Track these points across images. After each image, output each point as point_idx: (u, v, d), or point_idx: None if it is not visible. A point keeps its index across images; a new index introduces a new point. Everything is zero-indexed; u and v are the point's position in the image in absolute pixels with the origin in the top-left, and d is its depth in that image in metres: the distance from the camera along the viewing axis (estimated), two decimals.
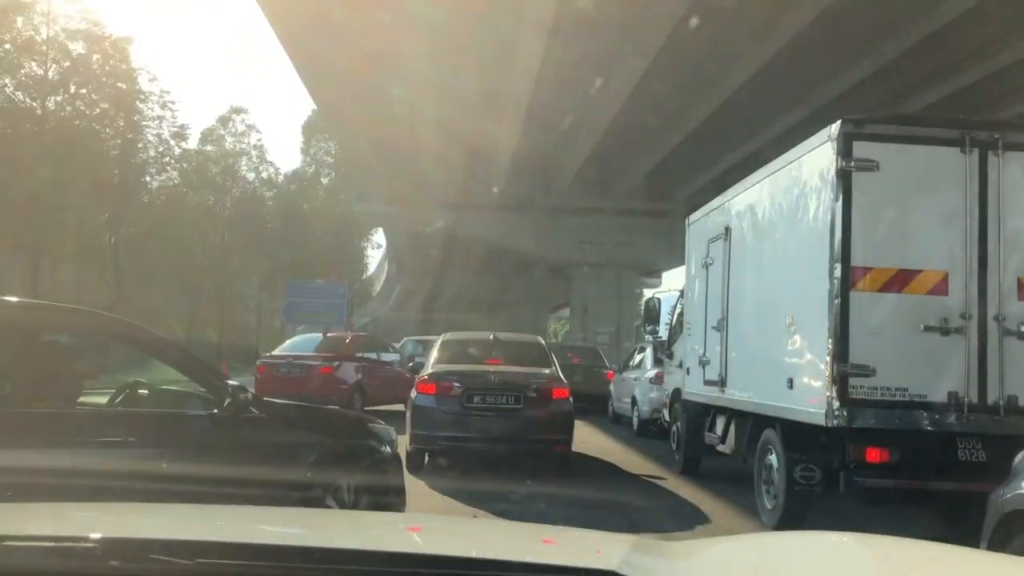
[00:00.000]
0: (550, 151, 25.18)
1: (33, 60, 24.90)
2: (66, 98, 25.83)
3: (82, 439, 3.89)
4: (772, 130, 21.09)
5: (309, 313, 30.67)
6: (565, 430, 9.31)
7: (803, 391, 6.48)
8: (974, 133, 6.19)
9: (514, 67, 18.21)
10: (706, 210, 9.61)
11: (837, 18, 15.18)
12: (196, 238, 39.06)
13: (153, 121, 28.70)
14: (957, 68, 17.04)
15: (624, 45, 17.19)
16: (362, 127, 24.75)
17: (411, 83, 19.95)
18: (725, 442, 8.56)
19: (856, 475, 6.11)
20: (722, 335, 8.49)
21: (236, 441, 4.45)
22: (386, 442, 5.30)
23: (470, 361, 10.01)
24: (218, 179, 39.05)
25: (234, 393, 4.34)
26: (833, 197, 6.13)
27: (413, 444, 9.29)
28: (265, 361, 16.03)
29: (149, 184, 33.33)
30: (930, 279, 6.07)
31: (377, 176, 29.49)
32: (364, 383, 15.46)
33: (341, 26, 17.24)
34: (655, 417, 13.15)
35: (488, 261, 43.99)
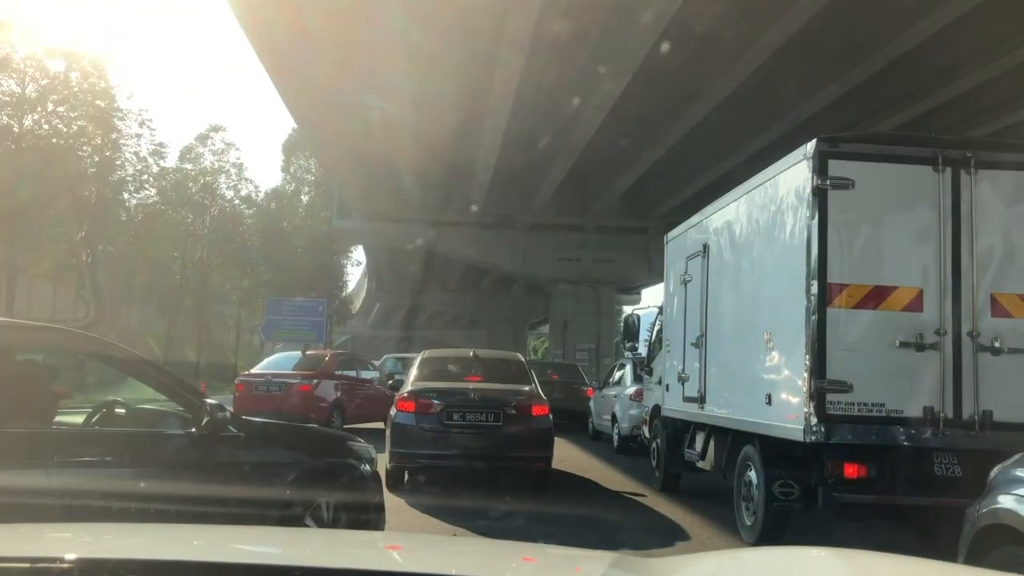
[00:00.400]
0: (529, 169, 25.25)
1: (11, 77, 24.74)
2: (44, 115, 25.64)
3: (58, 459, 3.84)
4: (748, 149, 21.29)
5: (288, 331, 30.52)
6: (545, 447, 9.31)
7: (781, 407, 6.53)
8: (947, 151, 6.30)
9: (493, 86, 18.29)
10: (684, 227, 9.68)
11: (809, 39, 15.38)
12: (175, 256, 38.81)
13: (131, 139, 28.55)
14: (929, 88, 17.29)
15: (600, 66, 17.32)
16: (341, 145, 24.73)
17: (390, 101, 19.97)
18: (705, 458, 8.59)
19: (834, 491, 6.15)
20: (701, 352, 8.53)
21: (214, 460, 4.42)
22: (365, 460, 5.29)
23: (450, 378, 10.01)
24: (197, 197, 38.85)
25: (212, 412, 4.32)
26: (809, 215, 6.21)
27: (393, 462, 9.26)
28: (244, 379, 15.94)
29: (127, 202, 33.10)
30: (905, 296, 6.15)
31: (357, 193, 29.43)
32: (343, 401, 15.39)
33: (319, 42, 17.24)
34: (635, 434, 13.18)
35: (468, 278, 43.98)
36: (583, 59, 17.42)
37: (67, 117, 25.96)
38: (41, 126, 25.49)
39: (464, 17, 15.86)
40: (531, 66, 17.01)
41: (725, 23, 15.40)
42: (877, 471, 6.09)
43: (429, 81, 18.80)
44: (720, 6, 14.86)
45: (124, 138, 28.16)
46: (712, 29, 15.60)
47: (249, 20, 17.03)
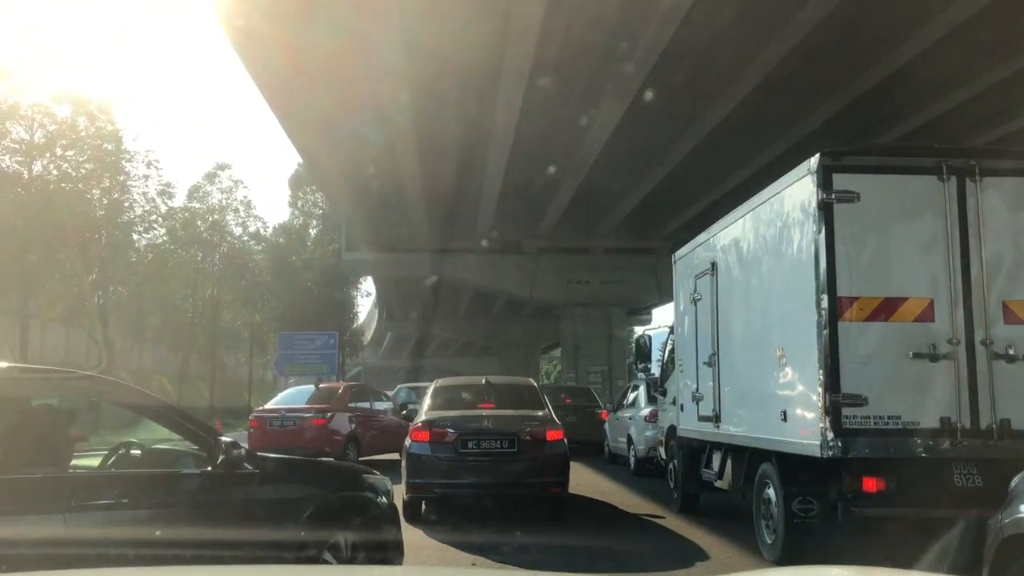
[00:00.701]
0: (534, 193, 25.35)
1: (19, 124, 25.04)
2: (52, 160, 25.90)
3: (75, 503, 3.85)
4: (752, 165, 21.32)
5: (301, 365, 30.58)
6: (561, 472, 9.26)
7: (797, 423, 6.49)
8: (951, 161, 6.30)
9: (494, 116, 18.42)
10: (691, 246, 9.68)
11: (810, 53, 15.46)
12: (185, 294, 39.00)
13: (139, 180, 28.79)
14: (930, 98, 17.32)
15: (600, 90, 17.45)
16: (347, 178, 24.89)
17: (393, 134, 20.11)
18: (722, 478, 8.53)
19: (854, 505, 6.10)
20: (714, 370, 8.50)
21: (231, 498, 4.42)
22: (382, 493, 5.28)
23: (463, 406, 9.99)
24: (206, 235, 39.09)
25: (227, 450, 4.33)
26: (816, 229, 6.20)
27: (409, 492, 9.25)
28: (258, 415, 15.95)
29: (136, 243, 33.33)
30: (916, 306, 6.13)
31: (364, 225, 29.57)
32: (358, 433, 15.37)
33: (320, 80, 17.41)
34: (651, 455, 13.11)
35: (477, 305, 44.00)
36: (582, 84, 17.55)
37: (75, 161, 26.22)
38: (50, 171, 25.74)
39: (464, 53, 16.00)
40: (530, 94, 17.14)
41: (723, 42, 15.52)
42: (896, 484, 6.03)
43: (431, 113, 18.97)
44: (717, 25, 14.95)
45: (132, 179, 28.43)
46: (710, 48, 15.71)
47: (251, 59, 17.24)
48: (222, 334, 43.26)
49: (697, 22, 14.33)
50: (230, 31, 15.97)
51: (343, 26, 14.99)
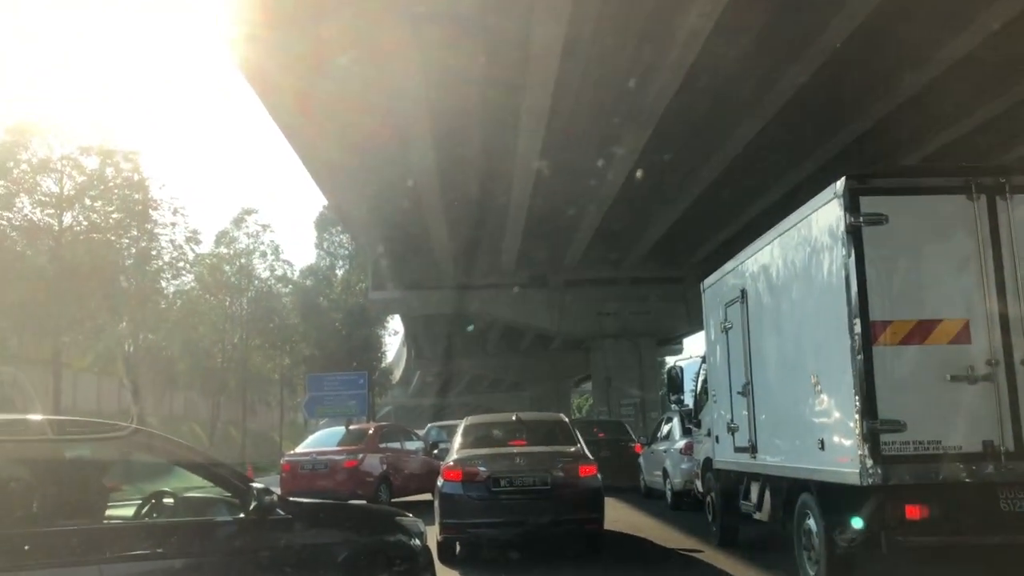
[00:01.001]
0: (558, 226, 25.40)
1: (49, 177, 25.55)
2: (82, 211, 26.37)
3: (111, 554, 3.85)
4: (778, 189, 21.22)
5: (331, 406, 30.60)
6: (595, 508, 9.15)
7: (835, 451, 6.37)
8: (980, 179, 6.22)
9: (516, 151, 18.54)
10: (720, 274, 9.61)
11: (830, 78, 15.42)
12: (215, 339, 39.32)
13: (166, 227, 29.19)
14: (956, 116, 17.18)
15: (622, 121, 17.52)
16: (372, 218, 25.12)
17: (417, 174, 20.29)
18: (761, 509, 8.37)
19: (898, 534, 5.94)
20: (748, 400, 8.39)
21: (265, 545, 4.41)
22: (415, 535, 5.24)
23: (494, 444, 9.94)
24: (233, 279, 39.49)
25: (259, 496, 4.32)
26: (845, 253, 6.13)
27: (443, 533, 9.19)
28: (289, 459, 15.96)
29: (165, 290, 33.74)
30: (951, 328, 6.02)
31: (390, 264, 29.76)
32: (390, 474, 15.30)
33: (344, 123, 17.66)
34: (688, 489, 12.91)
35: (505, 340, 43.95)
36: (604, 116, 17.63)
37: (104, 211, 26.66)
38: (80, 222, 26.19)
39: (484, 94, 16.17)
40: (551, 129, 17.24)
41: (742, 69, 15.54)
42: (940, 511, 5.88)
43: (453, 153, 19.15)
44: (736, 53, 14.99)
45: (159, 227, 28.82)
46: (730, 75, 15.74)
47: (276, 108, 17.59)
48: (252, 378, 43.50)
49: (716, 49, 14.38)
50: (253, 81, 16.27)
51: (366, 77, 15.24)
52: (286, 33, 14.06)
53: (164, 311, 34.74)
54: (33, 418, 4.40)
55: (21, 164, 25.10)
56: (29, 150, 25.17)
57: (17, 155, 24.96)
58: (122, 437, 4.61)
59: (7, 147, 24.91)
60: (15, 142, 24.96)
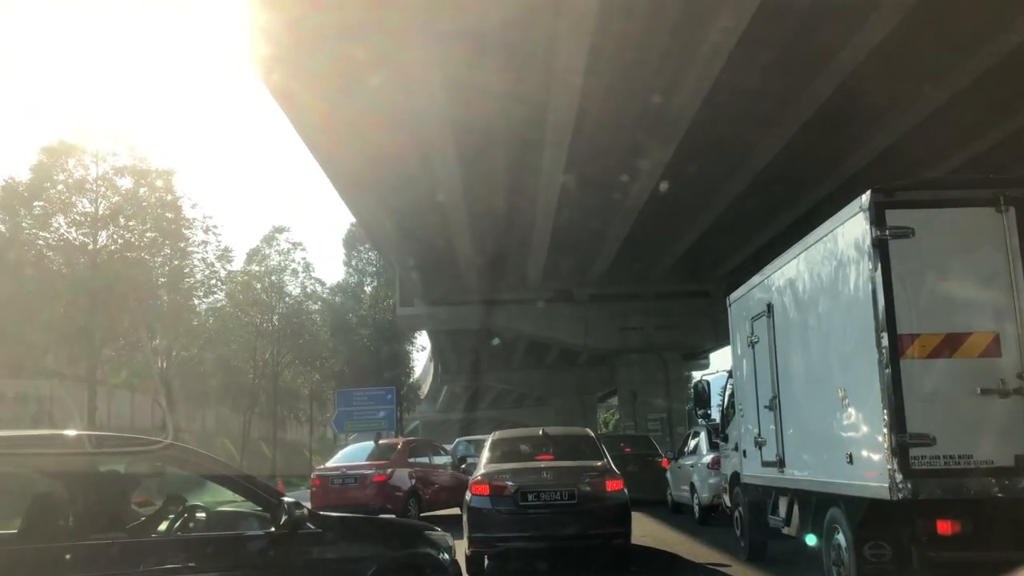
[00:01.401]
0: (583, 241, 25.41)
1: (84, 198, 26.04)
2: (116, 231, 26.81)
3: (144, 568, 3.93)
4: (804, 203, 21.09)
5: (360, 421, 30.76)
6: (622, 522, 9.17)
7: (863, 465, 6.33)
8: (1008, 191, 6.18)
9: (541, 168, 18.62)
10: (746, 288, 9.59)
11: (857, 88, 15.34)
12: (246, 356, 39.69)
13: (198, 246, 29.59)
14: (986, 126, 17.02)
15: (646, 136, 17.53)
16: (399, 235, 25.27)
17: (443, 191, 20.42)
18: (790, 524, 8.32)
19: (929, 550, 5.90)
20: (776, 414, 8.36)
21: (295, 559, 4.48)
22: (443, 549, 5.29)
23: (521, 459, 9.99)
24: (264, 296, 39.87)
25: (289, 510, 4.40)
26: (872, 267, 6.11)
27: (472, 547, 9.25)
28: (320, 473, 16.13)
29: (197, 307, 34.14)
30: (981, 341, 5.98)
31: (417, 281, 29.90)
32: (419, 488, 15.39)
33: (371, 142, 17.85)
34: (716, 503, 12.84)
35: (531, 355, 43.92)
36: (628, 131, 17.65)
37: (138, 231, 27.11)
38: (115, 241, 26.63)
39: (508, 110, 16.26)
40: (576, 143, 17.30)
41: (766, 83, 15.50)
42: (972, 526, 5.83)
43: (478, 167, 19.25)
44: (759, 66, 14.97)
45: (191, 246, 29.22)
46: (753, 90, 15.70)
47: (305, 129, 17.83)
48: (282, 393, 43.84)
49: (739, 64, 14.37)
50: (281, 101, 16.51)
51: (391, 95, 15.41)
52: (313, 53, 14.26)
53: (197, 328, 35.14)
54: (70, 433, 4.51)
55: (57, 185, 25.62)
56: (65, 171, 25.70)
57: (54, 176, 25.48)
58: (156, 451, 4.71)
59: (44, 168, 25.46)
60: (52, 163, 25.50)
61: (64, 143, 25.78)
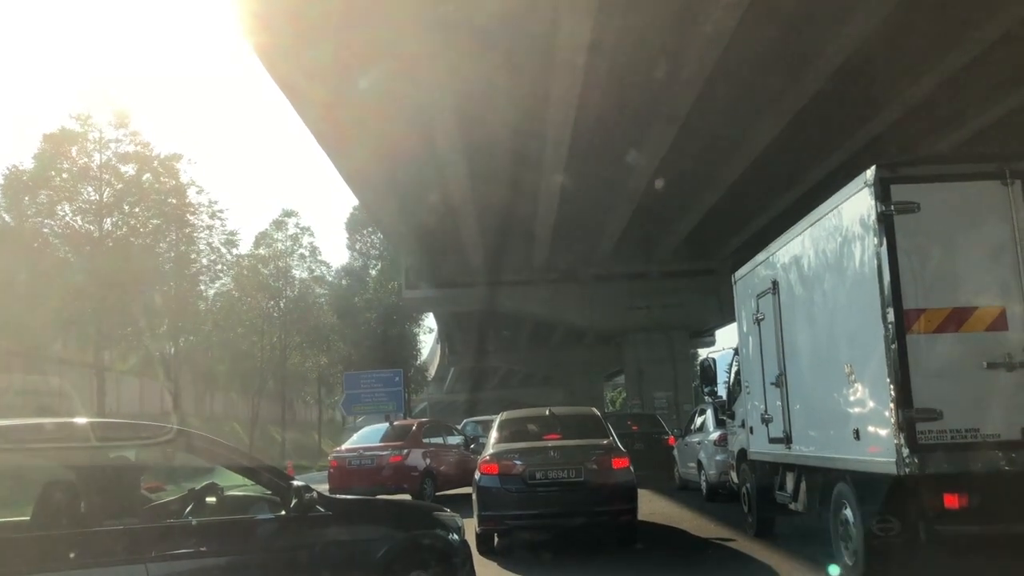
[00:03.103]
0: (588, 221, 25.37)
1: (89, 185, 26.03)
2: (121, 218, 26.82)
3: (156, 553, 3.97)
4: (809, 179, 21.01)
5: (368, 404, 30.86)
6: (629, 499, 9.24)
7: (870, 440, 6.35)
8: (1013, 164, 6.14)
9: (545, 148, 18.57)
10: (751, 265, 9.57)
11: (860, 65, 15.24)
12: (253, 340, 39.80)
13: (204, 231, 29.59)
14: (989, 101, 16.89)
15: (650, 115, 17.46)
16: (403, 218, 25.26)
17: (447, 174, 20.41)
18: (797, 500, 8.35)
19: (936, 524, 5.92)
20: (782, 391, 8.37)
21: (306, 541, 4.51)
22: (453, 530, 5.32)
23: (529, 438, 10.04)
24: (271, 281, 39.91)
25: (299, 493, 4.42)
26: (877, 242, 6.09)
27: (481, 525, 9.36)
28: (337, 455, 16.37)
29: (204, 292, 34.21)
30: (987, 315, 5.96)
31: (422, 263, 29.93)
32: (433, 468, 15.58)
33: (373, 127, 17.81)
34: (723, 480, 12.88)
35: (537, 335, 43.99)
36: (630, 112, 17.58)
37: (143, 217, 27.11)
38: (120, 228, 26.65)
39: (512, 89, 16.20)
40: (581, 123, 17.23)
41: (769, 60, 15.41)
42: (979, 500, 5.84)
43: (483, 151, 19.21)
44: (761, 46, 14.88)
45: (197, 231, 29.22)
46: (756, 67, 15.61)
47: (309, 116, 17.84)
48: (290, 377, 43.98)
49: (741, 43, 14.28)
50: (286, 90, 16.47)
51: (394, 84, 15.40)
52: (316, 43, 14.24)
53: (203, 314, 35.22)
54: (79, 421, 4.54)
55: (62, 173, 25.62)
56: (69, 159, 25.69)
57: (58, 164, 25.47)
58: (165, 438, 4.74)
59: (48, 156, 25.44)
60: (55, 151, 25.48)
61: (67, 130, 25.75)
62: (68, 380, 26.71)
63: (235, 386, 42.90)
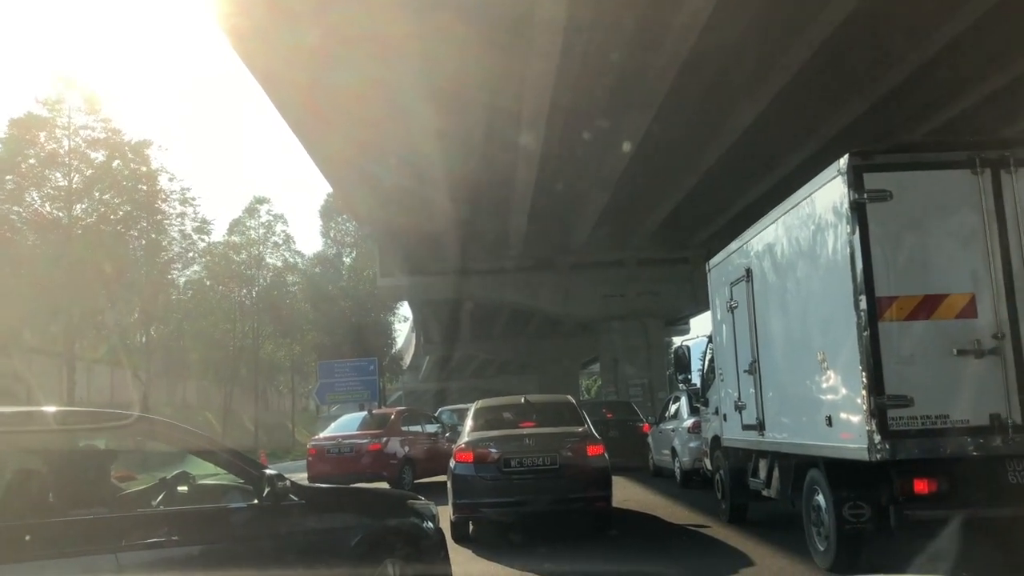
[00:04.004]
0: (564, 209, 25.36)
1: (57, 171, 25.64)
2: (91, 205, 26.47)
3: (126, 543, 3.90)
4: (783, 168, 21.11)
5: (342, 392, 30.78)
6: (603, 486, 9.29)
7: (843, 427, 6.40)
8: (983, 153, 6.20)
9: (520, 136, 18.50)
10: (725, 253, 9.61)
11: (833, 55, 15.31)
12: (226, 328, 39.49)
13: (175, 218, 29.30)
14: (961, 90, 17.04)
15: (624, 103, 17.44)
16: (377, 206, 25.11)
17: (421, 159, 20.28)
18: (770, 486, 8.42)
19: (906, 508, 5.99)
20: (755, 378, 8.41)
21: (278, 531, 4.46)
22: (427, 518, 5.30)
23: (504, 426, 10.06)
24: (243, 268, 39.57)
25: (272, 482, 4.37)
26: (850, 230, 6.13)
27: (456, 513, 9.38)
28: (315, 443, 16.33)
29: (176, 280, 33.87)
30: (958, 303, 6.02)
31: (397, 251, 29.78)
32: (412, 456, 15.58)
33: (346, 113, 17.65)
34: (697, 467, 12.97)
35: (513, 323, 43.98)
36: (606, 98, 17.55)
37: (113, 204, 26.77)
38: (89, 215, 26.30)
39: (486, 76, 16.10)
40: (555, 114, 17.18)
41: (744, 48, 15.43)
42: (949, 485, 5.92)
43: (458, 138, 19.09)
44: (737, 32, 14.88)
45: (168, 218, 28.92)
46: (732, 54, 15.63)
47: (282, 101, 17.62)
48: (263, 366, 43.71)
49: (717, 29, 14.28)
50: (257, 73, 16.27)
51: (368, 67, 15.25)
52: (290, 27, 14.06)
53: (175, 302, 34.90)
54: (42, 409, 4.46)
55: (29, 159, 25.20)
56: (37, 144, 25.27)
57: (25, 149, 25.06)
58: (126, 425, 4.67)
59: (14, 141, 25.02)
60: (22, 136, 25.06)
61: (34, 115, 25.33)
62: (38, 369, 26.36)
63: (208, 375, 42.59)
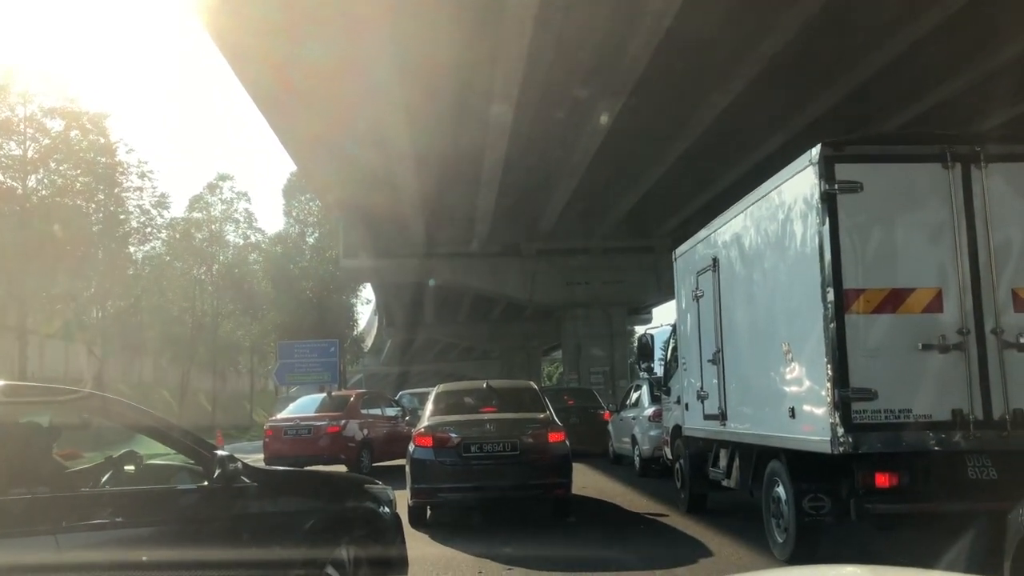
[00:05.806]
0: (531, 196, 25.24)
1: (12, 140, 24.94)
2: (47, 175, 25.82)
3: (67, 524, 3.74)
4: (751, 159, 21.18)
5: (302, 373, 30.46)
6: (563, 473, 9.24)
7: (805, 419, 6.38)
8: (955, 147, 6.19)
9: (488, 121, 18.32)
10: (692, 242, 9.57)
11: (806, 45, 15.33)
12: (184, 306, 38.87)
13: (134, 192, 28.68)
14: (933, 84, 17.15)
15: (593, 92, 17.34)
16: (342, 186, 24.79)
17: (388, 142, 20.01)
18: (730, 477, 8.42)
19: (867, 502, 5.99)
20: (718, 368, 8.39)
21: (229, 513, 4.31)
22: (384, 503, 5.18)
23: (465, 411, 9.97)
24: (203, 245, 38.97)
25: (223, 463, 4.22)
26: (819, 221, 6.10)
27: (414, 498, 9.28)
28: (273, 424, 16.09)
29: (134, 255, 33.21)
30: (924, 297, 6.02)
31: (362, 232, 29.45)
32: (371, 439, 15.43)
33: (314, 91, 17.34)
34: (657, 455, 12.99)
35: (477, 309, 43.88)
36: (575, 86, 17.43)
37: (70, 175, 26.13)
38: (45, 186, 25.65)
39: (457, 58, 15.89)
40: (525, 96, 17.01)
41: (715, 38, 15.38)
42: (909, 479, 5.93)
43: (426, 120, 18.86)
44: (708, 22, 14.82)
45: (126, 192, 28.31)
46: (702, 45, 15.57)
47: (247, 77, 17.20)
48: (222, 345, 43.13)
49: (688, 19, 14.20)
50: (224, 49, 15.89)
51: (336, 44, 14.95)
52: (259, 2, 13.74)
53: (133, 277, 34.26)
54: None
55: None
56: None
57: None
58: (76, 401, 4.48)
59: None
60: None
61: None
62: None
63: (165, 353, 41.93)
